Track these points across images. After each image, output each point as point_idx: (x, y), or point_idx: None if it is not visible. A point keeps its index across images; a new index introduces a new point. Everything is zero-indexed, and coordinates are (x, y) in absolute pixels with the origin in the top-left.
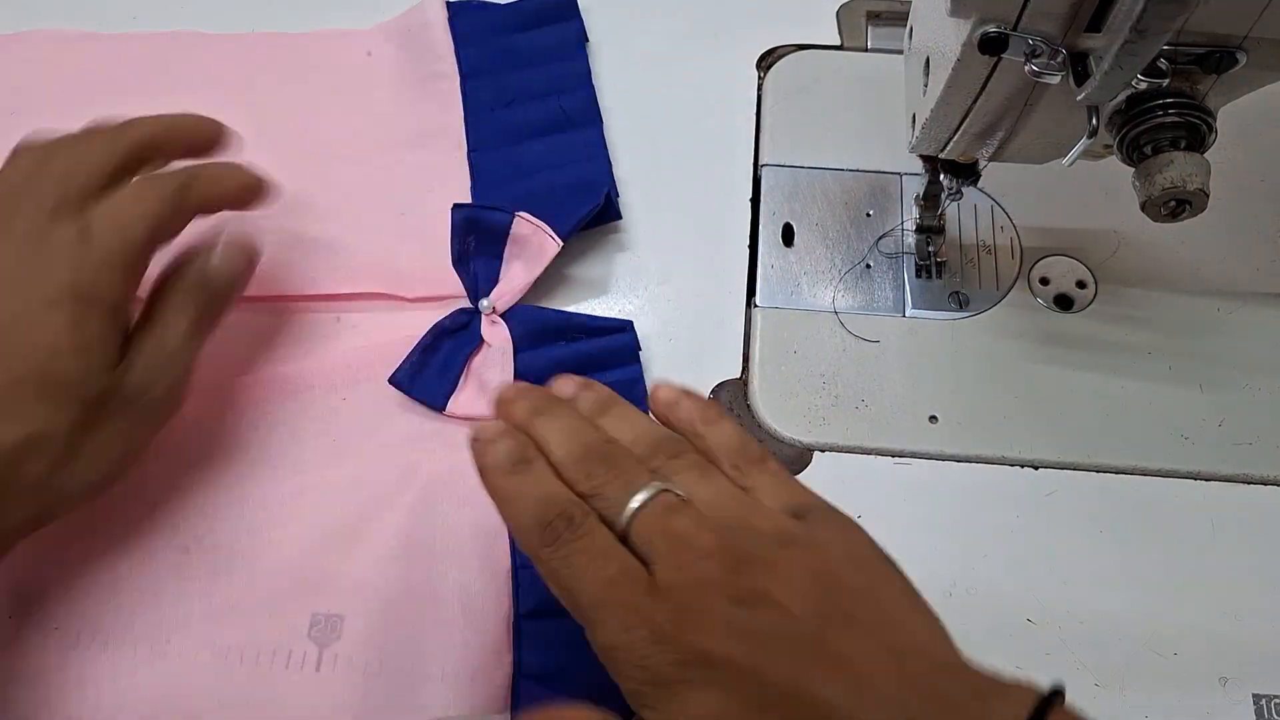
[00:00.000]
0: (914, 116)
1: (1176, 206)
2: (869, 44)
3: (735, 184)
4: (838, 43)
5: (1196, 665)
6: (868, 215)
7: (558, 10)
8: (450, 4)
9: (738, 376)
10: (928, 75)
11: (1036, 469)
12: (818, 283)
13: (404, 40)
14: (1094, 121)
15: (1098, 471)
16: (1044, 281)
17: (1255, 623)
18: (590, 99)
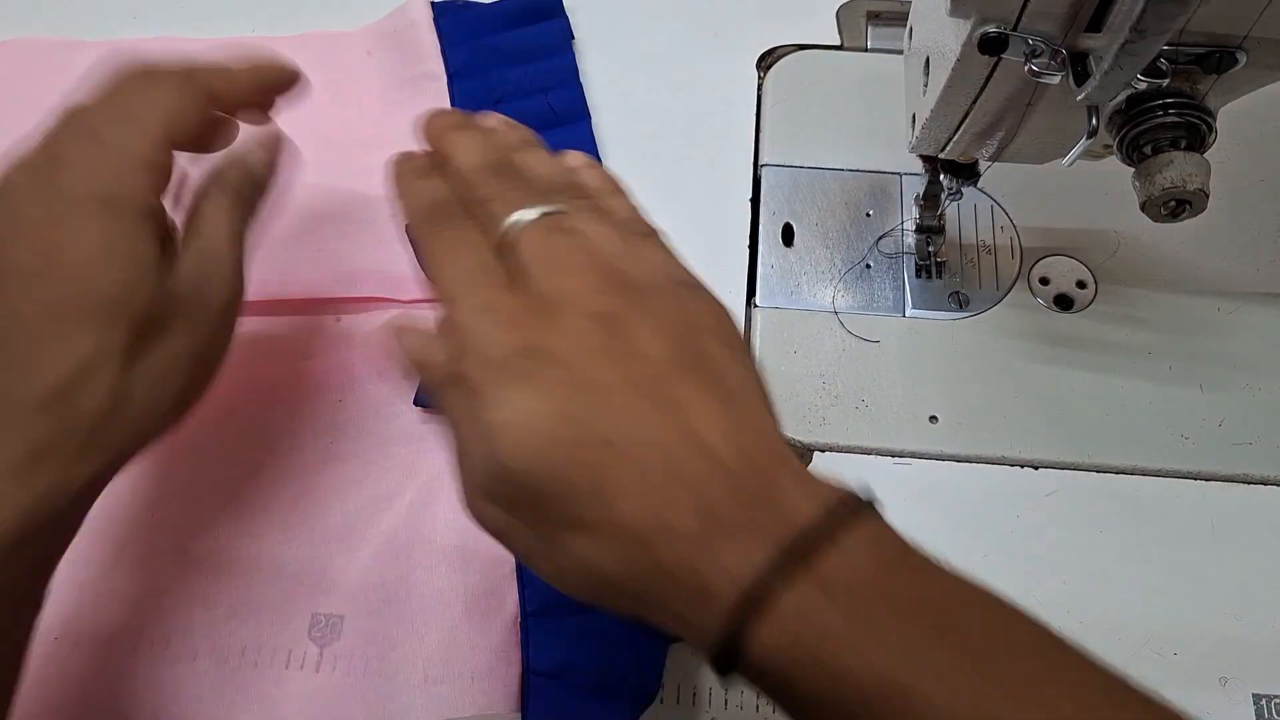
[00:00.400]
0: (914, 116)
1: (1176, 206)
2: (869, 44)
3: (735, 184)
4: (838, 43)
5: (1196, 665)
6: (868, 215)
7: (542, 8)
8: (435, 4)
9: None
10: (928, 75)
11: (1036, 469)
12: (818, 282)
13: (391, 41)
14: (1094, 121)
15: (1098, 471)
16: (1044, 281)
17: (1255, 623)
18: (578, 96)
